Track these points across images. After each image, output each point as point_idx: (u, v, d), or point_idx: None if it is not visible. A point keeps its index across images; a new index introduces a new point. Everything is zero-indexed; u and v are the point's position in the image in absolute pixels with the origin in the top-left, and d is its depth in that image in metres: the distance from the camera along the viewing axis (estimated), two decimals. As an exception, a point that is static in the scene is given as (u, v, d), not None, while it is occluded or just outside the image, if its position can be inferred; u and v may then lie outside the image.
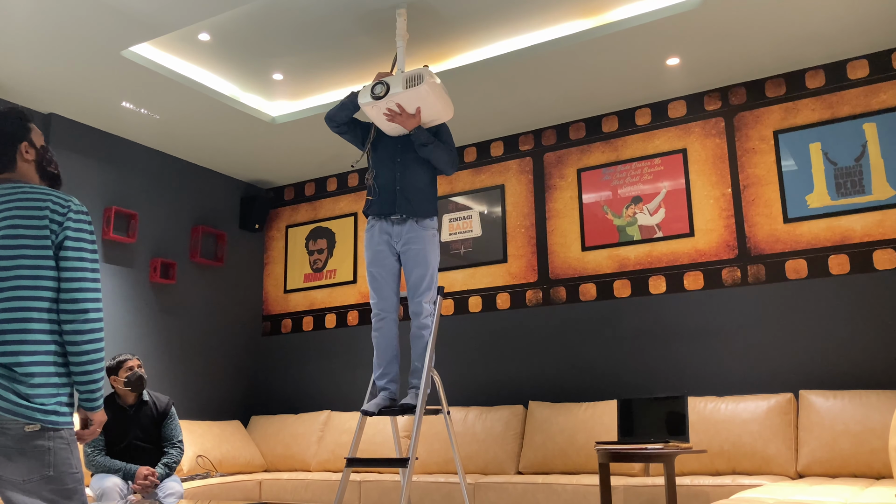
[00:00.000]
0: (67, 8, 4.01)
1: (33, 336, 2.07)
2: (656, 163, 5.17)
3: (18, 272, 2.09)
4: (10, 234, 2.11)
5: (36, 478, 2.02)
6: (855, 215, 4.50)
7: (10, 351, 2.04)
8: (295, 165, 6.37)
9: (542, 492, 4.30)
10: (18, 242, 2.11)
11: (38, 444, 2.02)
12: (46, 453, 2.03)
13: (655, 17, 4.19)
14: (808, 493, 3.14)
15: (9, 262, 2.10)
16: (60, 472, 2.05)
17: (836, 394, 4.15)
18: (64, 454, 2.06)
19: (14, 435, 2.01)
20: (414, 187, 3.75)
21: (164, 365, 5.81)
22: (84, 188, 5.42)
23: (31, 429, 2.02)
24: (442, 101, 3.76)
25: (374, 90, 3.71)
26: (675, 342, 4.86)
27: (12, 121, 2.27)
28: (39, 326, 2.09)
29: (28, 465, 2.01)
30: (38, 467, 2.02)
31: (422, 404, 3.55)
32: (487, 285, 5.62)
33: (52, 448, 2.05)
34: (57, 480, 2.04)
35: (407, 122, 3.72)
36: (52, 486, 2.03)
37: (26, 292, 2.08)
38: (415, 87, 3.66)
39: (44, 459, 2.03)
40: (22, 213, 2.13)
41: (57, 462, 2.05)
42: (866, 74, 4.60)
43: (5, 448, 2.01)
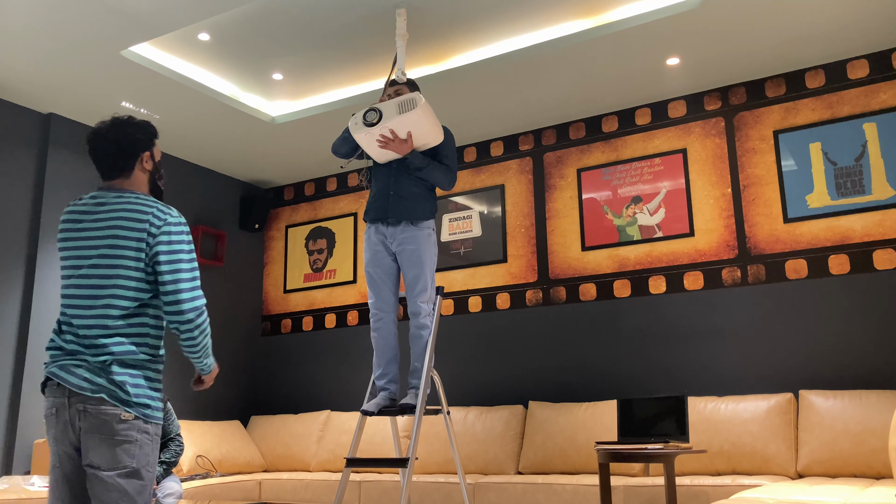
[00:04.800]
0: (67, 8, 4.01)
1: (129, 338, 2.22)
2: (656, 163, 5.17)
3: (117, 281, 2.22)
4: (111, 243, 2.24)
5: (119, 467, 2.14)
6: (855, 215, 4.50)
7: (107, 351, 2.18)
8: (295, 165, 6.37)
9: (542, 492, 4.30)
10: (118, 252, 2.23)
11: (129, 435, 2.16)
12: (133, 445, 2.16)
13: (655, 17, 4.19)
14: (808, 493, 3.14)
15: (109, 269, 2.23)
16: (140, 464, 2.17)
17: (836, 394, 4.15)
18: (147, 449, 2.19)
19: (109, 421, 2.14)
20: (409, 192, 3.74)
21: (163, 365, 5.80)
22: (84, 188, 5.42)
23: (126, 417, 2.16)
24: (433, 125, 3.69)
25: (366, 117, 3.65)
26: (675, 342, 4.86)
27: (144, 130, 2.40)
28: (134, 330, 2.23)
29: (114, 453, 2.14)
30: (123, 458, 2.14)
31: (422, 404, 3.55)
32: (487, 285, 5.62)
33: (139, 441, 2.18)
34: (136, 474, 2.16)
35: (400, 148, 3.67)
36: (130, 479, 2.15)
37: (123, 301, 2.22)
38: (409, 112, 3.60)
39: (130, 451, 2.16)
40: (124, 223, 2.25)
41: (140, 455, 2.17)
42: (866, 74, 4.60)
43: (98, 434, 2.14)
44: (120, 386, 2.17)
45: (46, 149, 5.25)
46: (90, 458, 2.14)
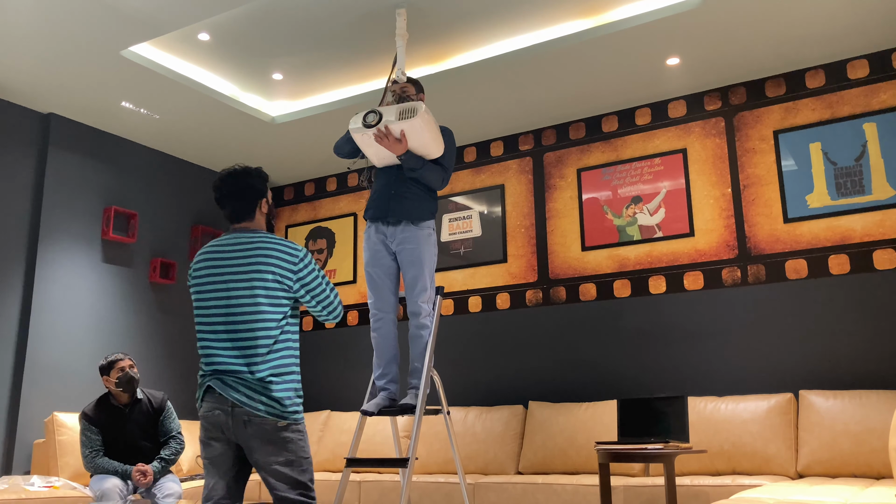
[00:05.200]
0: (67, 8, 4.01)
1: (276, 356, 2.66)
2: (656, 163, 5.17)
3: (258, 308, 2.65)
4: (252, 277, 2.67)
5: (281, 460, 2.63)
6: (855, 215, 4.50)
7: (261, 369, 2.63)
8: (295, 165, 6.37)
9: (542, 492, 4.30)
10: (257, 284, 2.66)
11: (285, 436, 2.64)
12: (290, 443, 2.65)
13: (655, 17, 4.19)
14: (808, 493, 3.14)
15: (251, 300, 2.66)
16: (298, 456, 2.66)
17: (836, 394, 4.14)
18: (301, 443, 2.69)
19: (269, 429, 2.61)
20: (410, 192, 3.73)
21: (163, 365, 5.81)
22: (84, 188, 5.42)
23: (281, 424, 2.63)
24: (433, 137, 3.67)
25: (366, 118, 3.64)
26: (675, 342, 4.86)
27: (261, 179, 2.84)
28: (279, 346, 2.67)
29: (276, 451, 2.62)
30: (283, 453, 2.63)
31: (421, 404, 3.55)
32: (487, 285, 5.62)
33: (293, 439, 2.66)
34: (295, 463, 2.65)
35: (394, 147, 3.66)
36: (291, 467, 2.65)
37: (268, 324, 2.65)
38: (409, 120, 3.58)
39: (288, 447, 2.64)
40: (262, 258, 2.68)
41: (296, 449, 2.66)
42: (866, 74, 4.60)
43: (262, 439, 2.61)
44: (278, 401, 2.62)
45: (46, 149, 5.25)
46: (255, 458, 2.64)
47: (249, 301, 2.65)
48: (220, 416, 2.62)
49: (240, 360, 2.63)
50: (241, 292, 2.66)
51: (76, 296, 5.27)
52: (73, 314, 5.23)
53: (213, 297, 2.69)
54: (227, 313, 2.67)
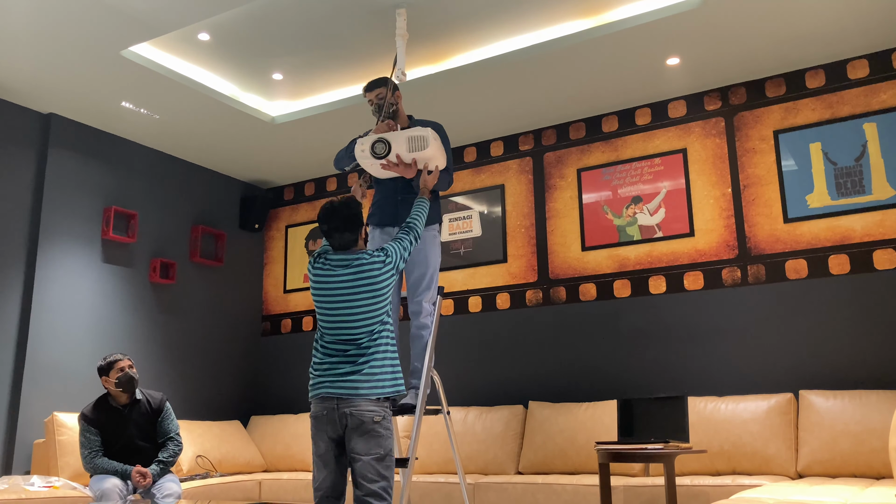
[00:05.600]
0: (67, 8, 4.01)
1: (380, 352, 3.05)
2: (656, 163, 5.17)
3: (370, 315, 3.05)
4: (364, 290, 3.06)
5: (374, 454, 2.93)
6: (855, 215, 4.50)
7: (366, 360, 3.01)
8: (295, 165, 6.37)
9: (542, 492, 4.30)
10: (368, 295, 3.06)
11: (378, 431, 2.96)
12: (381, 438, 2.97)
13: (655, 17, 4.19)
14: (808, 493, 3.14)
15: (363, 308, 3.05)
16: (387, 451, 2.98)
17: (836, 394, 4.14)
18: (391, 441, 3.00)
19: (366, 422, 2.95)
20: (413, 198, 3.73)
21: (163, 365, 5.81)
22: (84, 188, 5.42)
23: (377, 418, 2.97)
24: (442, 157, 3.64)
25: (374, 148, 3.56)
26: (675, 342, 4.86)
27: (360, 210, 3.19)
28: (383, 343, 3.07)
29: (370, 444, 2.94)
30: (375, 447, 2.95)
31: (421, 404, 3.55)
32: (487, 285, 5.62)
33: (385, 434, 2.98)
34: (385, 458, 2.97)
35: (405, 172, 3.65)
36: (381, 462, 2.95)
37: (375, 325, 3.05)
38: (421, 152, 3.53)
39: (380, 442, 2.96)
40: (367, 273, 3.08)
41: (385, 444, 2.98)
42: (866, 74, 4.60)
43: (359, 430, 2.94)
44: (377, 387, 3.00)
45: (46, 149, 5.25)
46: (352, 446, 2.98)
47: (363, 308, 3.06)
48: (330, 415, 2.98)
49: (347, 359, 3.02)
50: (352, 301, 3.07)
51: (76, 296, 5.27)
52: (73, 314, 5.23)
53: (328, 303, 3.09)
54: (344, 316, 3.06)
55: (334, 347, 3.05)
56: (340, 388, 2.97)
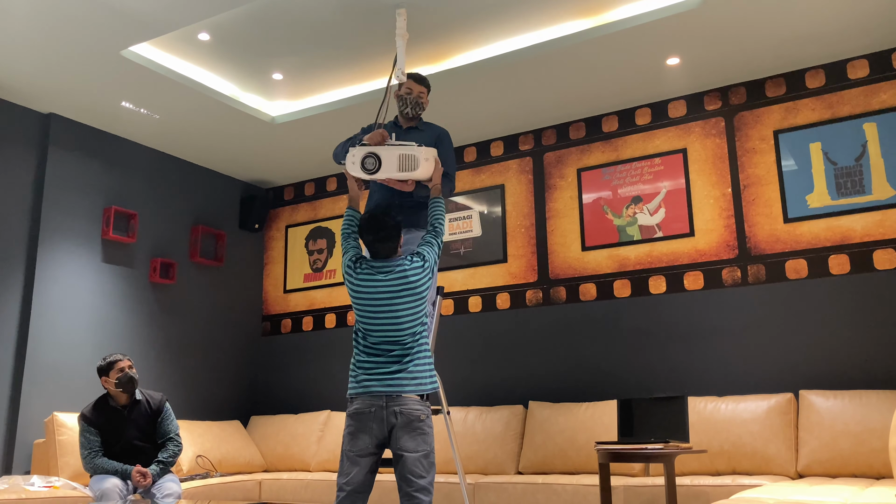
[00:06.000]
0: (67, 8, 4.01)
1: (422, 351, 3.16)
2: (656, 163, 5.17)
3: (413, 317, 3.16)
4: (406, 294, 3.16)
5: (421, 451, 3.03)
6: (855, 215, 4.50)
7: (411, 359, 3.13)
8: (295, 165, 6.37)
9: (542, 492, 4.30)
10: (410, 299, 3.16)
11: (423, 429, 3.06)
12: (427, 435, 3.07)
13: (655, 17, 4.19)
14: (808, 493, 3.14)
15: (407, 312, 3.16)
16: (431, 448, 3.08)
17: (836, 394, 4.14)
18: (431, 438, 3.10)
19: (414, 420, 3.04)
20: (413, 201, 3.74)
21: (163, 365, 5.81)
22: (84, 188, 5.42)
23: (423, 416, 3.07)
24: (436, 172, 3.58)
25: (364, 163, 3.49)
26: (675, 342, 4.86)
27: (399, 219, 3.28)
28: (424, 342, 3.19)
29: (417, 441, 3.04)
30: (422, 444, 3.05)
31: (422, 404, 3.54)
32: (487, 285, 5.62)
33: (429, 433, 3.09)
34: (429, 455, 3.07)
35: (404, 187, 3.66)
36: (427, 458, 3.05)
37: (417, 327, 3.17)
38: (411, 173, 3.48)
39: (426, 439, 3.06)
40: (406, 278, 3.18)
41: (430, 442, 3.08)
42: (866, 74, 4.60)
43: (408, 427, 3.03)
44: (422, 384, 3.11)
45: (46, 149, 5.25)
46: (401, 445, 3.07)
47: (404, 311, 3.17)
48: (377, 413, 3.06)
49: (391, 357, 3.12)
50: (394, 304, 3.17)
51: (76, 296, 5.27)
52: (73, 314, 5.23)
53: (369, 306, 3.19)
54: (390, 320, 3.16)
55: (380, 348, 3.14)
56: (389, 387, 3.05)
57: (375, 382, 3.08)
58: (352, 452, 3.06)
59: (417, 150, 3.50)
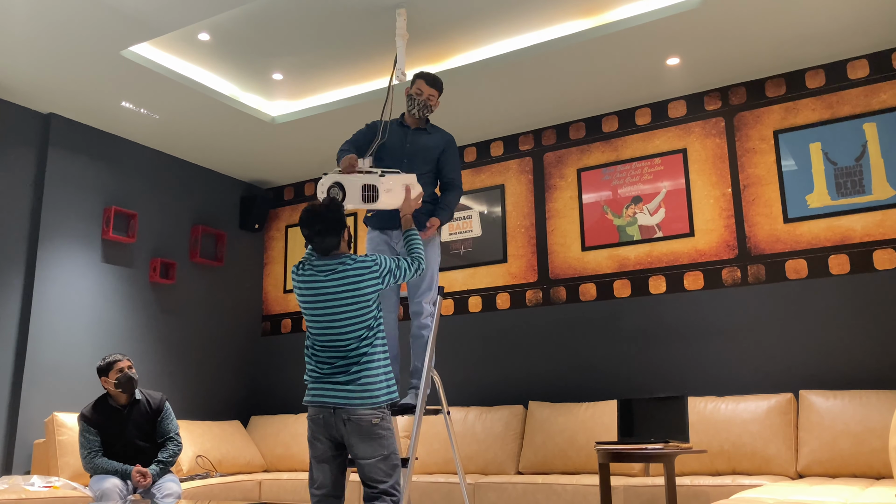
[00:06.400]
0: (67, 8, 4.01)
1: (372, 360, 3.01)
2: (656, 163, 5.17)
3: (356, 320, 3.01)
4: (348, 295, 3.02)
5: (378, 455, 2.94)
6: (855, 215, 4.50)
7: (359, 370, 2.99)
8: (295, 165, 6.37)
9: (542, 492, 4.30)
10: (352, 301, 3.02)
11: (379, 433, 2.96)
12: (383, 439, 2.96)
13: (655, 17, 4.19)
14: (808, 493, 3.13)
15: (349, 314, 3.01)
16: (391, 451, 2.98)
17: (836, 394, 4.14)
18: (392, 440, 3.00)
19: (365, 424, 2.94)
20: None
21: (163, 365, 5.81)
22: (84, 188, 5.42)
23: (376, 420, 2.96)
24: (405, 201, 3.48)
25: (329, 193, 3.40)
26: (675, 342, 4.86)
27: (342, 212, 3.12)
28: (373, 350, 3.02)
29: (372, 447, 2.94)
30: (378, 449, 2.95)
31: (422, 404, 3.55)
32: (487, 285, 5.62)
33: (386, 435, 2.98)
34: (389, 458, 2.97)
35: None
36: (386, 462, 2.96)
37: (362, 332, 3.02)
38: (372, 203, 3.43)
39: (382, 443, 2.96)
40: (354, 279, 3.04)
41: (388, 444, 2.98)
42: (866, 74, 4.60)
43: (360, 434, 2.94)
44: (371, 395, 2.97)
45: (46, 149, 5.25)
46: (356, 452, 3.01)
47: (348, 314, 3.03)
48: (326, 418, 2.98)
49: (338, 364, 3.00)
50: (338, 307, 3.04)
51: (76, 296, 5.27)
52: (73, 314, 5.23)
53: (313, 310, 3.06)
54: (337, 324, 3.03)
55: (325, 355, 3.04)
56: (336, 398, 2.96)
57: (323, 393, 3.00)
58: (314, 458, 3.06)
59: (381, 180, 3.40)
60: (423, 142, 3.81)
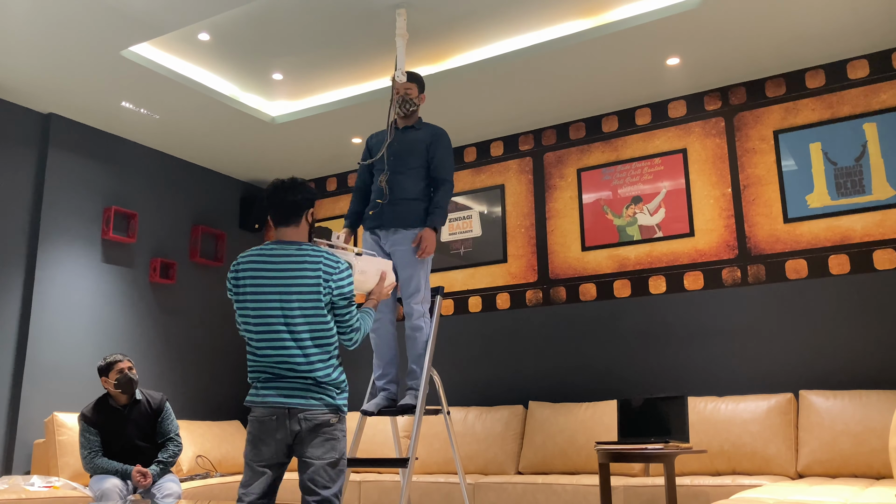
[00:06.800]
0: (67, 8, 4.01)
1: (330, 358, 2.80)
2: (656, 163, 5.17)
3: (312, 316, 2.78)
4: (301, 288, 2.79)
5: (328, 458, 2.74)
6: (855, 215, 4.50)
7: (314, 369, 2.76)
8: (295, 165, 6.37)
9: (542, 492, 4.30)
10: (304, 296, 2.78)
11: (332, 434, 2.77)
12: (336, 441, 2.77)
13: (655, 17, 4.19)
14: (808, 493, 3.13)
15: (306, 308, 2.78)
16: (341, 454, 2.79)
17: (836, 394, 4.15)
18: (344, 443, 2.81)
19: (319, 424, 2.74)
20: (400, 198, 3.72)
21: (163, 365, 5.81)
22: (84, 188, 5.42)
23: (333, 420, 2.77)
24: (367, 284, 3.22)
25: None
26: (675, 342, 4.86)
27: (312, 192, 2.97)
28: (331, 350, 2.81)
29: (325, 447, 2.74)
30: (330, 451, 2.75)
31: (421, 404, 3.55)
32: (487, 285, 5.62)
33: (339, 438, 2.79)
34: (339, 462, 2.77)
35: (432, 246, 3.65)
36: (335, 467, 2.76)
37: (319, 328, 2.78)
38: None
39: (335, 446, 2.77)
40: (306, 269, 2.81)
41: (340, 448, 2.79)
42: (866, 74, 4.60)
43: (314, 434, 2.74)
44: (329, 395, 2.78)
45: (46, 149, 5.25)
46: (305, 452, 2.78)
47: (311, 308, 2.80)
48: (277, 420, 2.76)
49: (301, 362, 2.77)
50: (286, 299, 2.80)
51: (76, 296, 5.27)
52: (73, 314, 5.23)
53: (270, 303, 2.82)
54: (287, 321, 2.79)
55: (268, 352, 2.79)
56: (294, 400, 2.74)
57: (273, 394, 2.77)
58: (254, 462, 2.79)
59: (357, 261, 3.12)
60: (410, 138, 3.79)
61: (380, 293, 3.24)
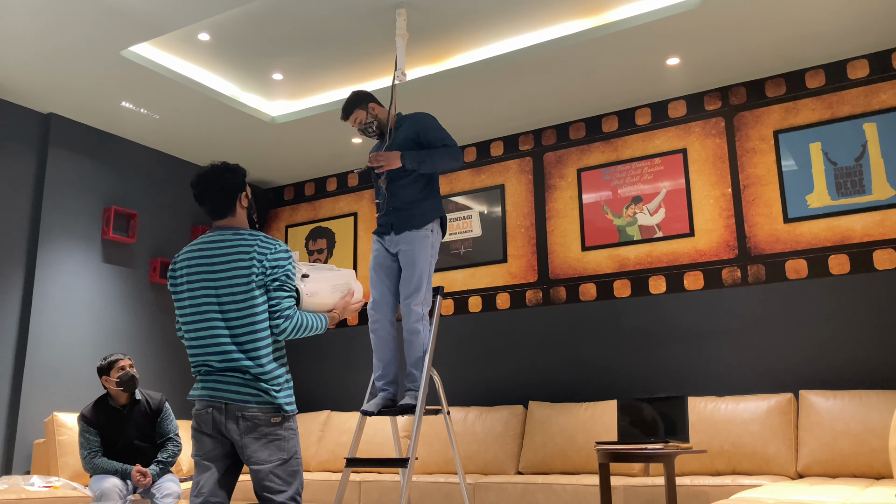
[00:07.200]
0: (67, 8, 4.01)
1: (264, 349, 2.60)
2: (656, 163, 5.17)
3: (244, 305, 2.61)
4: (234, 276, 2.62)
5: (275, 460, 2.57)
6: (855, 215, 4.50)
7: (247, 361, 2.59)
8: (295, 165, 6.37)
9: (542, 492, 4.30)
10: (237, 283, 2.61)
11: (278, 433, 2.59)
12: (282, 440, 2.59)
13: (655, 17, 4.19)
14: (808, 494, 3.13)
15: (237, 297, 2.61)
16: (291, 455, 2.61)
17: (836, 394, 4.14)
18: (294, 441, 2.64)
19: (262, 424, 2.57)
20: (404, 202, 3.71)
21: (163, 365, 5.81)
22: (84, 188, 5.42)
23: (275, 419, 2.59)
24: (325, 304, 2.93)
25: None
26: (675, 342, 4.86)
27: (239, 174, 2.80)
28: (266, 341, 2.61)
29: (270, 450, 2.57)
30: (276, 453, 2.58)
31: (421, 404, 3.55)
32: (487, 285, 5.62)
33: (286, 437, 2.61)
34: (288, 462, 2.60)
35: (391, 163, 3.64)
36: (284, 468, 2.59)
37: (252, 318, 2.60)
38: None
39: (281, 446, 2.59)
40: (239, 255, 2.65)
41: (289, 448, 2.61)
42: (866, 74, 4.60)
43: (255, 435, 2.57)
44: (266, 392, 2.59)
45: (46, 149, 5.25)
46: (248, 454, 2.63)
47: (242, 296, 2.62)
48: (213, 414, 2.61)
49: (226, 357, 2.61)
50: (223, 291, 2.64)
51: (76, 296, 5.27)
52: (73, 314, 5.23)
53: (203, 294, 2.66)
54: (221, 310, 2.64)
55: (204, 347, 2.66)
56: (227, 394, 2.59)
57: (210, 388, 2.63)
58: (198, 456, 2.69)
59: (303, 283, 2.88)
60: (398, 139, 3.78)
61: (344, 312, 2.96)
